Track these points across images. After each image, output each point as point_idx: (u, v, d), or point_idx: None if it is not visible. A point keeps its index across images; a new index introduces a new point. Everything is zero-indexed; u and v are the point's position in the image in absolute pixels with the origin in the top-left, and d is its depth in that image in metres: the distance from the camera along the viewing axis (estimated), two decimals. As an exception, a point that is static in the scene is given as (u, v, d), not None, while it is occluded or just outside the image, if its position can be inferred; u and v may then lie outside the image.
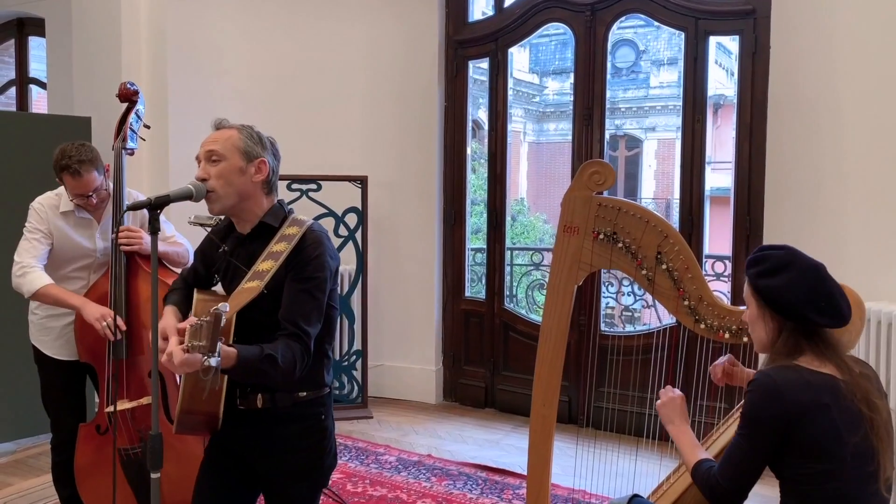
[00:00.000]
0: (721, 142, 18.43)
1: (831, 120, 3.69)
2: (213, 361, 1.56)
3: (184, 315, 2.03)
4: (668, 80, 17.88)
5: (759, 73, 4.00)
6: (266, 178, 1.98)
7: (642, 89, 18.57)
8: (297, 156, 3.85)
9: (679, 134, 4.41)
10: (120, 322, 2.70)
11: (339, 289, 1.95)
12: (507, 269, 5.06)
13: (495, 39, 4.77)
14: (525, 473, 3.85)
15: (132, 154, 2.94)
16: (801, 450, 1.64)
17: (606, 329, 4.75)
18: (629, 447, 3.78)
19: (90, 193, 2.77)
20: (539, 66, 18.77)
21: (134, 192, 2.99)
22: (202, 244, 2.17)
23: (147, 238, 2.81)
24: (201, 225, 1.98)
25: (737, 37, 4.11)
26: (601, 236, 2.13)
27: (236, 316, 1.86)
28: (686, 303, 2.04)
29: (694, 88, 4.24)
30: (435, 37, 4.87)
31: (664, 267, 2.06)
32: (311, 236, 1.96)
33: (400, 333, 5.09)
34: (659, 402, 2.04)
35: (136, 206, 1.77)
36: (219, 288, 2.09)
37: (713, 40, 4.23)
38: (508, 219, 5.11)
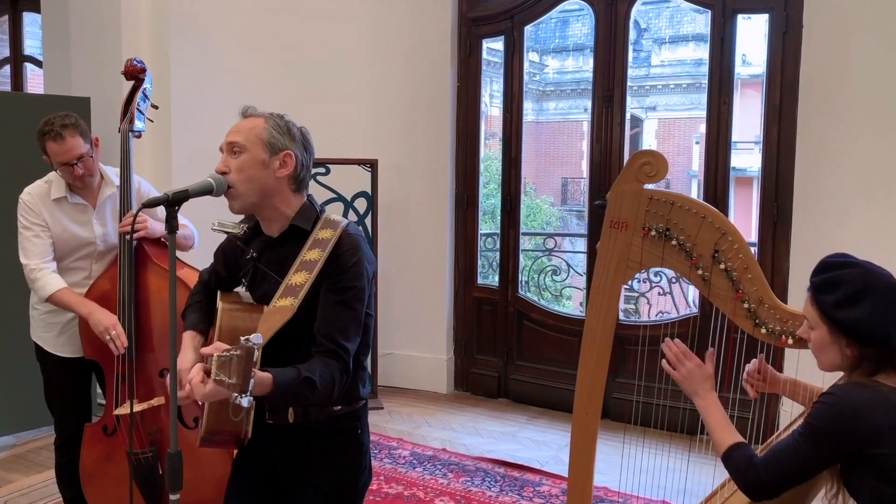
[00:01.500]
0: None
1: (865, 101, 3.52)
2: (245, 402, 1.39)
3: (206, 328, 1.87)
4: (669, 58, 17.64)
5: (790, 52, 3.83)
6: (293, 172, 1.79)
7: (643, 68, 18.31)
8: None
9: (706, 112, 4.22)
10: (123, 338, 2.54)
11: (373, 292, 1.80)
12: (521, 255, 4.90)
13: (511, 17, 4.57)
14: (545, 469, 3.78)
15: (139, 137, 2.76)
16: (878, 472, 1.52)
17: (623, 318, 4.61)
18: (636, 437, 3.66)
19: (75, 161, 2.57)
20: (539, 44, 18.46)
21: (140, 181, 2.82)
22: (224, 243, 1.99)
23: (155, 225, 2.65)
24: (227, 233, 1.80)
25: (766, 14, 3.93)
26: (652, 233, 1.96)
27: None
28: (745, 305, 1.89)
29: (720, 68, 4.06)
30: (447, 13, 4.67)
31: (722, 266, 1.91)
32: (347, 241, 1.78)
33: (410, 321, 4.94)
34: (677, 374, 1.88)
35: (152, 203, 1.60)
36: (243, 291, 1.93)
37: (740, 20, 4.04)
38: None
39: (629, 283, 2.08)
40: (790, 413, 3.17)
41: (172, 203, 1.60)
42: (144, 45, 4.19)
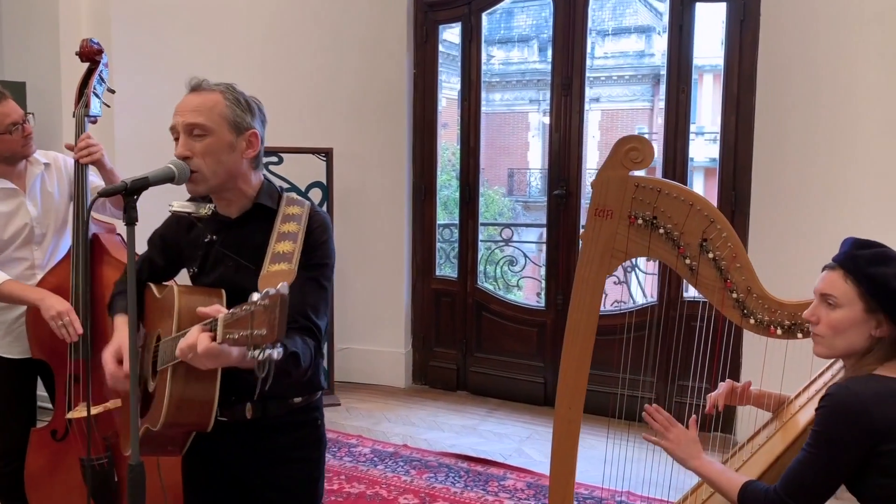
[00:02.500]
0: (660, 112, 18.60)
1: (824, 90, 3.56)
2: (277, 353, 1.27)
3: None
4: (612, 50, 17.85)
5: (748, 41, 3.85)
6: (257, 152, 1.70)
7: (587, 59, 18.49)
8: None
9: (665, 101, 4.22)
10: (77, 325, 2.37)
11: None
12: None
13: (468, 2, 4.48)
14: (508, 463, 3.73)
15: (95, 122, 2.59)
16: (886, 468, 1.48)
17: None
18: (602, 428, 3.65)
19: (22, 120, 2.42)
20: (485, 34, 18.45)
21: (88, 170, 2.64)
22: (162, 229, 1.86)
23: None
24: (189, 215, 1.66)
25: (724, 4, 3.94)
26: (639, 221, 1.91)
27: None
28: (734, 295, 1.85)
29: (679, 57, 4.06)
30: (403, 0, 4.56)
31: (710, 256, 1.87)
32: (317, 218, 1.72)
33: (367, 315, 4.82)
34: (666, 444, 1.83)
35: (109, 192, 1.46)
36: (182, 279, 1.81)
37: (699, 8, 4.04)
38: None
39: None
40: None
41: (131, 192, 1.46)
42: (84, 28, 3.95)
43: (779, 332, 1.83)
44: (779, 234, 3.70)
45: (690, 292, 4.29)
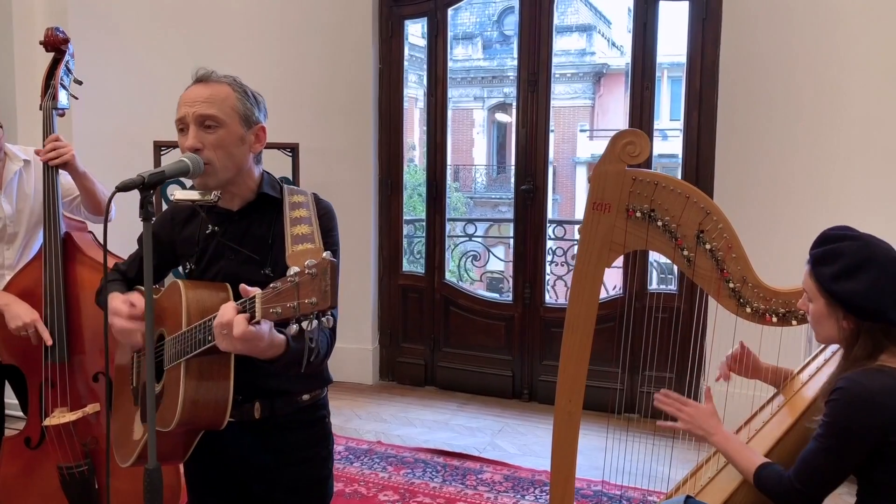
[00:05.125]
0: (604, 110, 18.89)
1: (783, 85, 3.68)
2: (328, 320, 1.26)
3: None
4: (559, 48, 18.05)
5: (710, 39, 3.95)
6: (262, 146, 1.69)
7: (529, 57, 18.63)
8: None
9: (629, 97, 4.29)
10: (46, 335, 2.29)
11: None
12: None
13: (434, -2, 4.48)
14: (483, 456, 3.75)
15: (63, 115, 2.49)
16: (894, 457, 1.54)
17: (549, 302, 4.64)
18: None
19: None
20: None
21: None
22: (155, 227, 1.77)
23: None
24: (193, 202, 1.61)
25: (686, 2, 4.02)
26: (637, 214, 1.94)
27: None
28: (730, 285, 1.90)
29: (643, 55, 4.14)
30: (369, -7, 4.52)
31: (707, 247, 1.91)
32: (322, 205, 1.71)
33: (334, 312, 4.77)
34: (682, 425, 1.86)
35: (128, 187, 1.41)
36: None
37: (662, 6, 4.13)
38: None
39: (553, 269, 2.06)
40: (718, 391, 3.24)
41: (148, 186, 1.41)
42: (39, 19, 3.79)
43: (774, 319, 1.88)
44: (741, 226, 3.78)
45: (654, 284, 4.40)
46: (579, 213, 17.14)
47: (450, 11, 4.52)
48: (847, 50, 3.49)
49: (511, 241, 4.71)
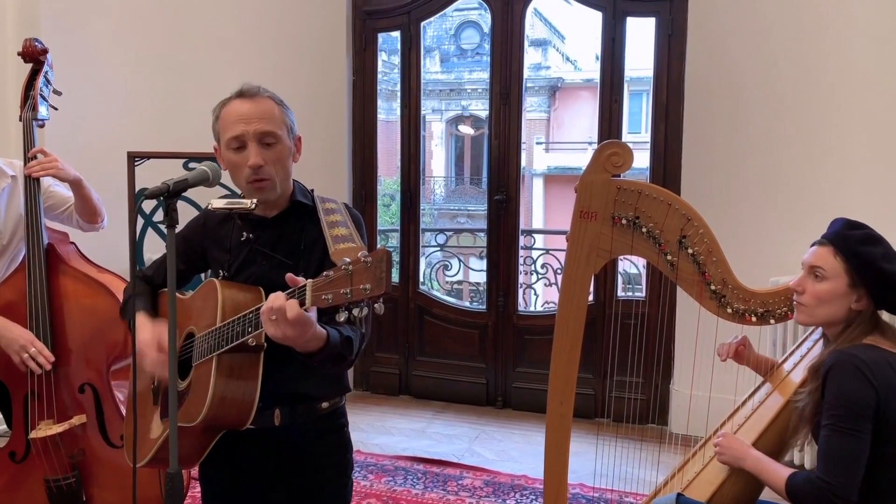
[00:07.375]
0: (559, 124, 19.17)
1: (750, 101, 3.83)
2: (380, 307, 1.29)
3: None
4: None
5: (675, 54, 4.09)
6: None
7: (486, 72, 18.83)
8: (194, 131, 3.43)
9: (598, 111, 4.40)
10: (47, 354, 2.28)
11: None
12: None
13: (408, 12, 4.54)
14: (463, 462, 3.79)
15: (43, 126, 2.49)
16: (879, 432, 1.62)
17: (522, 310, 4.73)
18: (542, 425, 3.80)
19: None
20: (388, 44, 18.51)
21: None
22: (186, 231, 1.84)
23: (67, 166, 2.40)
24: (234, 210, 1.62)
25: (653, 18, 4.16)
26: (623, 221, 2.03)
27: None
28: (711, 287, 2.00)
29: (612, 69, 4.26)
30: (342, 7, 4.57)
31: (689, 251, 2.00)
32: (354, 213, 1.76)
33: (308, 323, 4.77)
34: (718, 452, 1.91)
35: (155, 194, 1.43)
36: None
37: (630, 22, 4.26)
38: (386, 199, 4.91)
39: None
40: (684, 394, 3.35)
41: (173, 194, 1.44)
42: (10, 28, 3.76)
43: (753, 319, 1.98)
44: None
45: (621, 291, 4.51)
46: (537, 223, 17.37)
47: (423, 25, 4.59)
48: (812, 67, 3.65)
49: (483, 250, 4.79)
